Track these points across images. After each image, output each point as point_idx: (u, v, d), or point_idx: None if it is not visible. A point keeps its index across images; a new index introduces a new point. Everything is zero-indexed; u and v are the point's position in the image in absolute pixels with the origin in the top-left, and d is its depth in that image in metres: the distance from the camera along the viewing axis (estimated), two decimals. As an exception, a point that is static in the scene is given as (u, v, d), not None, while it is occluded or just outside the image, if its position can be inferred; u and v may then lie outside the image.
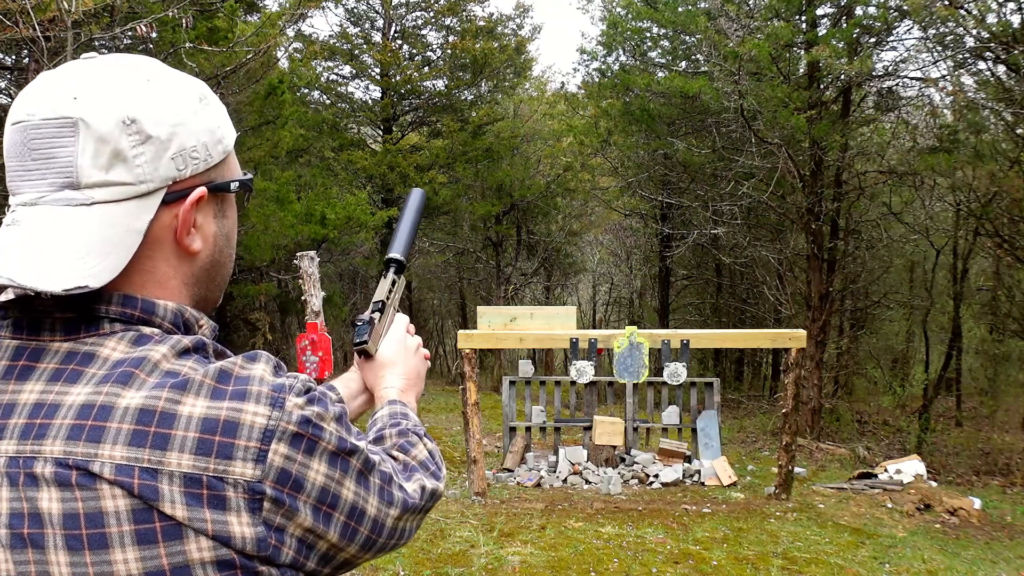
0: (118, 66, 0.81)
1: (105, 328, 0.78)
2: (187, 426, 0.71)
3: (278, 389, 0.76)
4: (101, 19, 6.05)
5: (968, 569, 5.73)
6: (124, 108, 0.77)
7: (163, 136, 0.78)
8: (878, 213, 12.59)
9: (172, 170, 0.79)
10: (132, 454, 0.70)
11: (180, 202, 0.81)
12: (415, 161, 15.48)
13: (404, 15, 16.33)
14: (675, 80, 11.55)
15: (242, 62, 7.76)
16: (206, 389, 0.74)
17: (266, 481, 0.73)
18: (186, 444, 0.71)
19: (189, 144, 0.81)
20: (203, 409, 0.72)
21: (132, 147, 0.77)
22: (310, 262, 5.87)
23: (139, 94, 0.79)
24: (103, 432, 0.71)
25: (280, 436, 0.74)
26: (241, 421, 0.73)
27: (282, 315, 14.47)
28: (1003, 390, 13.16)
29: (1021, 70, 9.13)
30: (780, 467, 7.22)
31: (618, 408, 9.02)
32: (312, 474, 0.76)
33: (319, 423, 0.77)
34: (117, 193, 0.77)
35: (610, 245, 21.21)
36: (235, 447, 0.72)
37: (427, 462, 1.00)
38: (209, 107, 0.85)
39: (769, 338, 7.73)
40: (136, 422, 0.71)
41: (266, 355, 0.80)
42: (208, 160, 0.83)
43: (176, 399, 0.72)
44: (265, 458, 0.73)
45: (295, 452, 0.75)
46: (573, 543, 5.66)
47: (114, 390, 0.73)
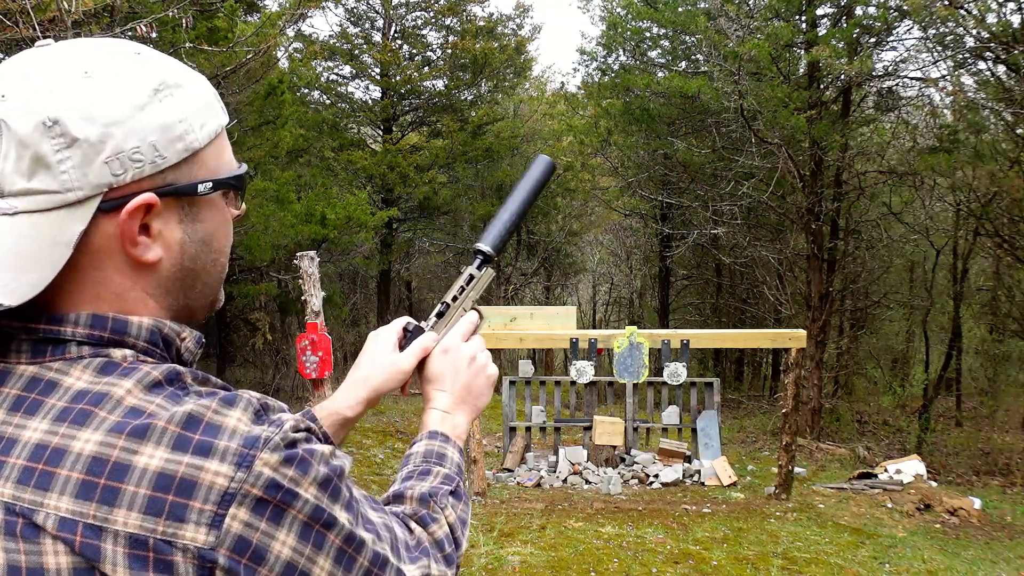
0: (58, 57, 0.72)
1: (72, 351, 0.71)
2: (140, 481, 0.64)
3: (250, 444, 0.67)
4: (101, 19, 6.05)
5: (968, 569, 5.73)
6: (46, 108, 0.68)
7: (93, 138, 0.69)
8: (878, 213, 12.59)
9: (106, 176, 0.70)
10: (78, 507, 0.64)
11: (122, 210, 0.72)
12: (415, 161, 15.49)
13: (404, 15, 16.34)
14: (675, 80, 11.56)
15: (242, 62, 7.77)
16: (168, 438, 0.66)
17: (220, 549, 0.65)
18: (136, 501, 0.64)
19: (128, 145, 0.70)
20: (160, 462, 0.65)
21: (55, 151, 0.68)
22: (310, 262, 5.87)
23: (68, 91, 0.69)
24: (52, 479, 0.65)
25: (241, 500, 0.66)
26: (199, 480, 0.65)
27: (282, 315, 14.47)
28: (1003, 390, 13.17)
29: (1021, 70, 9.13)
30: (780, 467, 7.23)
31: (618, 408, 9.02)
32: (277, 546, 0.68)
33: (292, 487, 0.68)
34: (41, 202, 0.69)
35: (610, 245, 21.22)
36: (189, 509, 0.65)
37: (444, 541, 0.89)
38: (170, 99, 0.74)
39: (769, 338, 7.73)
40: (87, 471, 0.65)
41: (247, 398, 0.71)
42: (158, 162, 0.72)
43: (133, 448, 0.65)
44: (221, 523, 0.65)
45: (257, 519, 0.66)
46: (573, 543, 5.67)
47: (70, 431, 0.66)
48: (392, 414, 11.90)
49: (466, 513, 0.96)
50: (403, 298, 19.71)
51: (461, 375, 1.07)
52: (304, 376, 5.94)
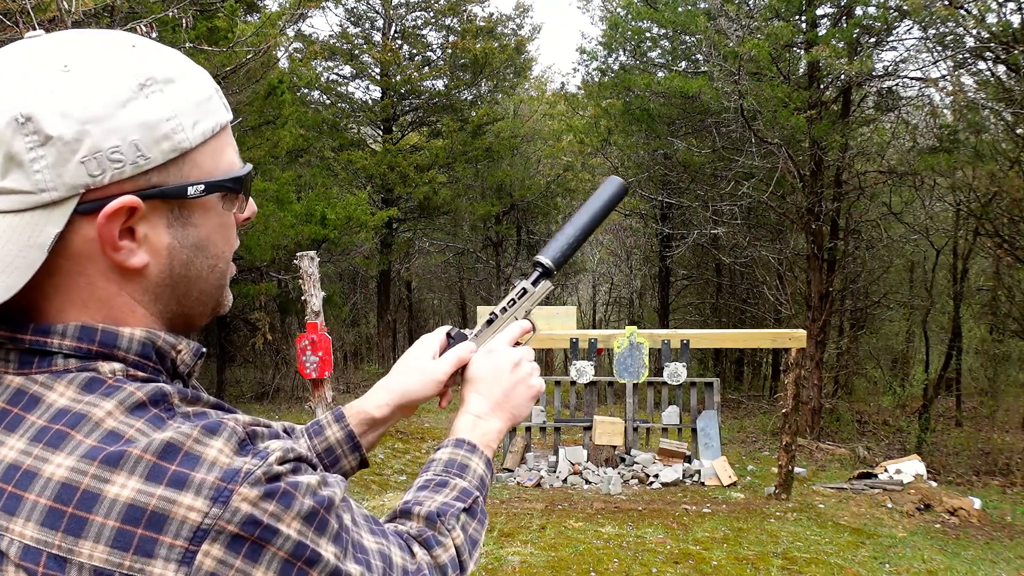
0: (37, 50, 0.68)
1: (58, 364, 0.68)
2: (109, 512, 0.61)
3: (229, 477, 0.63)
4: (101, 19, 6.05)
5: (968, 569, 5.73)
6: (19, 104, 0.65)
7: (68, 136, 0.65)
8: (878, 213, 12.59)
9: (83, 176, 0.66)
10: (43, 536, 0.61)
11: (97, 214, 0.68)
12: (415, 161, 15.49)
13: (404, 15, 16.34)
14: (675, 80, 11.56)
15: (242, 62, 7.77)
16: (143, 467, 0.62)
17: None
18: (103, 533, 0.61)
19: (107, 144, 0.66)
20: (132, 492, 0.62)
21: (29, 149, 0.65)
22: (310, 262, 5.87)
23: (43, 86, 0.66)
24: (19, 504, 0.63)
25: (215, 536, 0.62)
26: (171, 514, 0.61)
27: (282, 315, 14.47)
28: (1003, 390, 13.17)
29: (1021, 70, 9.13)
30: (780, 467, 7.23)
31: (618, 408, 9.02)
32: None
33: (272, 523, 0.64)
34: (14, 202, 0.65)
35: (610, 245, 21.23)
36: (158, 543, 0.61)
37: (448, 566, 0.85)
38: (157, 96, 0.69)
39: (769, 338, 7.73)
40: (55, 498, 0.62)
41: (232, 427, 0.66)
42: (140, 163, 0.68)
43: (105, 477, 0.62)
44: (192, 560, 0.62)
45: (232, 556, 0.63)
46: (573, 543, 5.67)
47: (43, 453, 0.64)
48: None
49: (479, 532, 0.91)
50: (403, 298, 19.72)
51: (501, 380, 1.04)
52: (304, 376, 5.94)
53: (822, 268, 11.26)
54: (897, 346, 15.52)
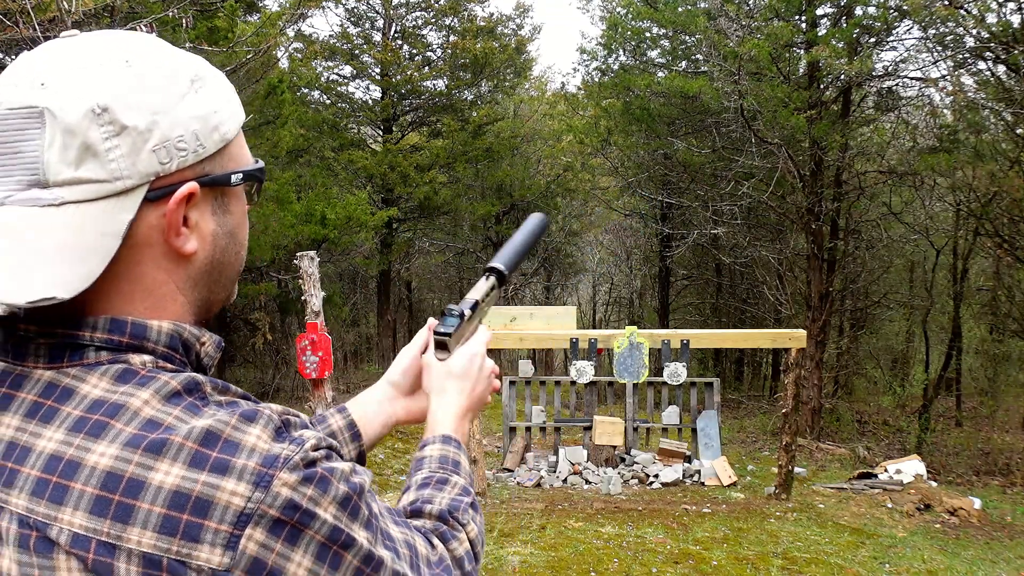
0: (96, 46, 0.71)
1: (90, 357, 0.70)
2: (155, 499, 0.63)
3: (269, 463, 0.66)
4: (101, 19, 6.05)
5: (968, 569, 5.73)
6: (95, 95, 0.67)
7: (141, 126, 0.68)
8: (878, 213, 12.59)
9: (154, 164, 0.69)
10: (92, 524, 0.63)
11: (167, 200, 0.71)
12: (415, 161, 15.49)
13: (404, 15, 16.34)
14: (675, 80, 11.56)
15: (242, 62, 7.77)
16: (185, 454, 0.64)
17: (235, 571, 0.64)
18: (150, 520, 0.63)
19: (174, 134, 0.70)
20: (176, 479, 0.63)
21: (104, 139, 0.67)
22: (310, 262, 5.87)
23: (114, 78, 0.68)
24: (66, 493, 0.64)
25: (258, 521, 0.64)
26: (216, 500, 0.63)
27: (282, 315, 14.46)
28: (1003, 390, 13.17)
29: (1021, 70, 9.13)
30: (780, 467, 7.23)
31: (618, 408, 9.02)
32: (292, 567, 0.66)
33: (311, 508, 0.66)
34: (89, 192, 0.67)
35: (610, 245, 21.23)
36: (204, 529, 0.63)
37: (464, 559, 0.87)
38: (204, 90, 0.74)
39: (769, 338, 7.73)
40: (101, 487, 0.63)
41: (268, 414, 0.69)
42: (199, 151, 0.72)
43: (148, 464, 0.64)
44: (236, 545, 0.64)
45: (274, 540, 0.65)
46: (573, 543, 5.67)
47: (85, 443, 0.65)
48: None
49: (483, 525, 0.95)
50: (403, 298, 19.72)
51: (478, 383, 1.08)
52: (304, 376, 5.94)
53: (822, 268, 11.25)
54: (897, 346, 15.52)
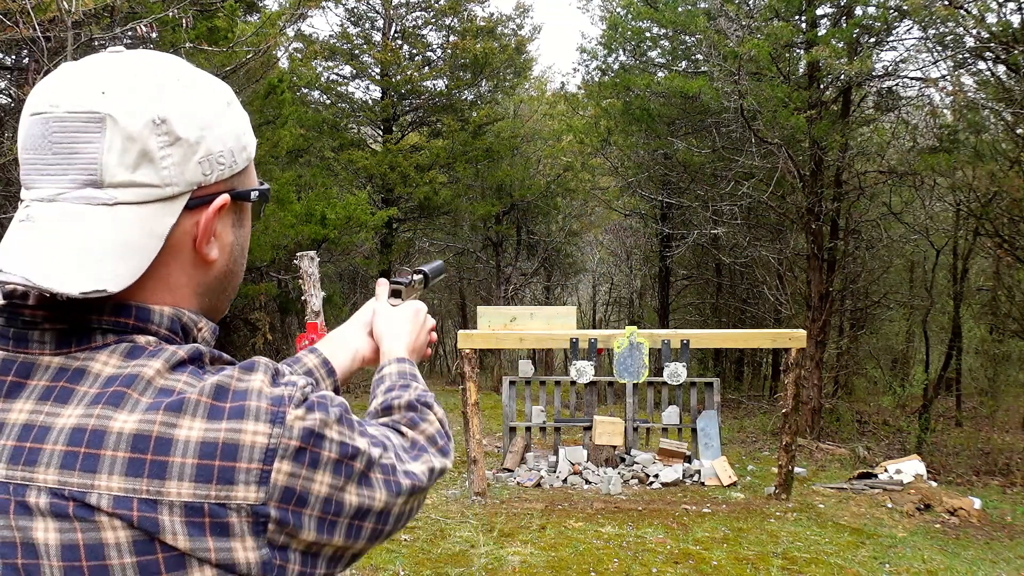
0: (148, 63, 0.77)
1: (97, 340, 0.74)
2: (185, 452, 0.68)
3: (277, 402, 0.72)
4: (101, 19, 6.05)
5: (968, 569, 5.73)
6: (155, 107, 0.74)
7: (192, 139, 0.75)
8: (878, 213, 12.59)
9: (198, 174, 0.76)
10: (130, 484, 0.67)
11: (202, 208, 0.78)
12: (415, 161, 15.48)
13: (404, 15, 16.33)
14: (675, 80, 11.56)
15: (242, 62, 7.77)
16: (203, 409, 0.70)
17: (271, 503, 0.70)
18: (185, 472, 0.68)
19: (216, 149, 0.78)
20: (200, 432, 0.69)
21: (160, 148, 0.73)
22: (310, 262, 5.87)
23: (170, 93, 0.75)
24: (98, 461, 0.68)
25: (283, 453, 0.71)
26: (241, 442, 0.69)
27: (282, 315, 14.46)
28: (1003, 390, 13.16)
29: (1021, 70, 9.13)
30: (780, 467, 7.23)
31: (618, 408, 9.02)
32: (316, 486, 0.73)
33: (322, 432, 0.74)
34: (141, 195, 0.73)
35: (610, 245, 21.21)
36: (236, 471, 0.69)
37: (436, 436, 0.97)
38: (234, 112, 0.82)
39: (769, 338, 7.73)
40: (131, 449, 0.68)
41: (264, 363, 0.76)
42: (233, 166, 0.80)
43: (172, 422, 0.69)
44: (268, 479, 0.70)
45: (299, 468, 0.72)
46: (573, 543, 5.67)
47: (106, 412, 0.69)
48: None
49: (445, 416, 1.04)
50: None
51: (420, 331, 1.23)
52: (304, 376, 5.93)
53: (822, 268, 11.25)
54: (897, 346, 15.51)
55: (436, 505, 6.71)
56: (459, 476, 7.96)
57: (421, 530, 5.86)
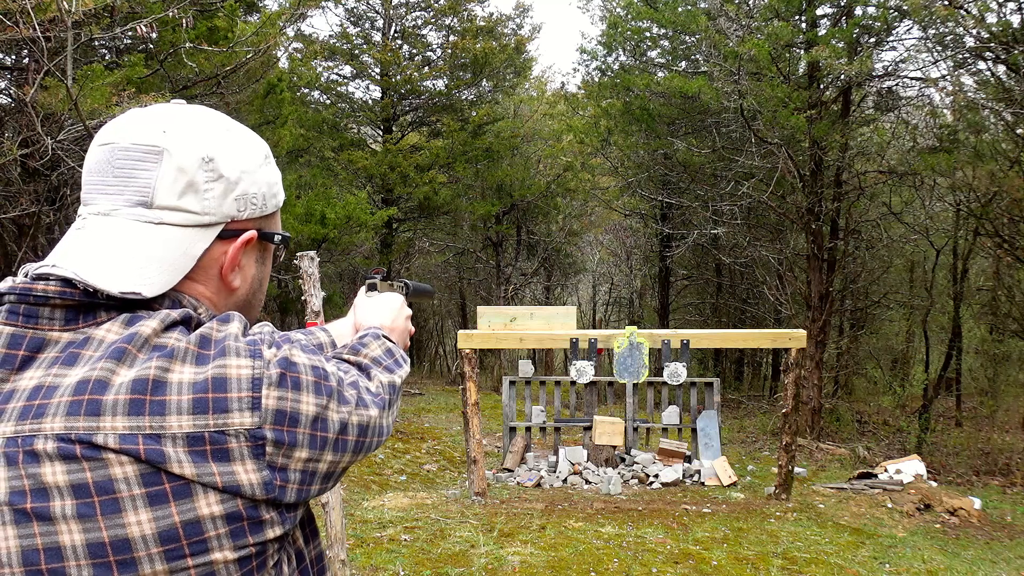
0: (203, 113, 0.92)
1: (102, 316, 0.82)
2: (180, 390, 0.76)
3: (252, 343, 0.82)
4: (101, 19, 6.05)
5: (968, 569, 5.73)
6: (205, 147, 0.87)
7: (232, 178, 0.89)
8: (878, 213, 12.58)
9: (233, 209, 0.90)
10: (133, 423, 0.74)
11: (232, 239, 0.91)
12: (415, 161, 15.48)
13: (404, 15, 16.33)
14: (675, 80, 11.55)
15: (242, 62, 7.76)
16: (191, 356, 0.79)
17: (265, 425, 0.78)
18: (183, 406, 0.76)
19: (252, 191, 0.92)
20: (192, 374, 0.78)
21: (205, 182, 0.87)
22: (310, 262, 5.86)
23: (219, 139, 0.90)
24: (101, 405, 0.75)
25: (268, 380, 0.80)
26: (228, 376, 0.78)
27: (282, 315, 14.45)
28: (1003, 390, 13.16)
29: (1021, 70, 9.12)
30: (780, 467, 7.22)
31: (618, 408, 9.02)
32: (304, 407, 0.82)
33: (295, 360, 0.83)
34: (184, 219, 0.86)
35: (610, 245, 21.21)
36: (229, 400, 0.77)
37: (381, 358, 1.05)
38: (270, 165, 0.97)
39: (769, 338, 7.73)
40: (132, 392, 0.75)
41: (237, 315, 0.87)
42: (263, 209, 0.94)
43: (166, 367, 0.77)
44: (260, 404, 0.78)
45: (285, 391, 0.80)
46: (573, 543, 5.66)
47: (108, 365, 0.77)
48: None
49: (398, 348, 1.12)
50: (403, 298, 19.67)
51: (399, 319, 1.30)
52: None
53: (822, 268, 11.25)
54: (897, 346, 15.50)
55: (436, 505, 6.71)
56: (459, 476, 7.96)
57: (421, 530, 5.86)
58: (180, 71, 7.27)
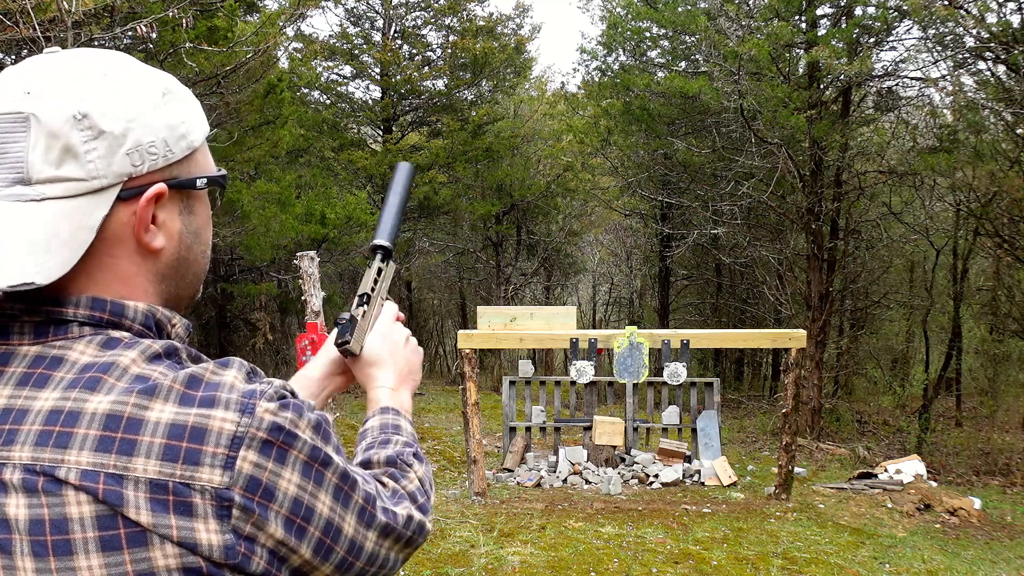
0: (75, 60, 0.79)
1: (74, 331, 0.76)
2: (154, 432, 0.70)
3: (249, 395, 0.74)
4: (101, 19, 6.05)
5: (968, 569, 5.73)
6: (76, 103, 0.75)
7: (117, 131, 0.76)
8: (878, 213, 12.58)
9: (127, 166, 0.77)
10: (98, 459, 0.69)
11: (138, 199, 0.79)
12: (415, 161, 15.47)
13: (404, 15, 16.33)
14: (675, 80, 11.55)
15: (242, 62, 7.76)
16: (175, 395, 0.72)
17: (235, 488, 0.71)
18: (152, 450, 0.70)
19: (146, 139, 0.78)
20: (171, 415, 0.71)
21: (84, 142, 0.75)
22: (310, 262, 5.87)
23: (93, 88, 0.77)
24: (70, 438, 0.70)
25: (249, 443, 0.72)
26: (209, 427, 0.71)
27: (282, 315, 14.46)
28: (1003, 390, 13.16)
29: (1021, 70, 9.12)
30: (780, 467, 7.22)
31: (618, 408, 9.02)
32: (284, 483, 0.74)
33: (292, 430, 0.75)
34: (68, 189, 0.75)
35: (610, 245, 21.21)
36: (202, 453, 0.70)
37: (417, 493, 0.97)
38: (173, 103, 0.83)
39: (769, 338, 7.73)
40: (103, 428, 0.70)
41: (239, 361, 0.79)
42: (168, 156, 0.80)
43: (144, 404, 0.71)
44: (233, 464, 0.71)
45: (265, 460, 0.73)
46: (573, 543, 5.66)
47: (82, 396, 0.71)
48: (392, 414, 11.88)
49: (429, 474, 1.02)
50: (403, 298, 19.70)
51: (399, 355, 1.17)
52: (304, 376, 5.93)
53: (822, 268, 11.25)
54: (897, 346, 15.50)
55: (436, 505, 6.71)
56: (459, 476, 7.96)
57: (421, 530, 5.86)
58: (180, 71, 7.26)
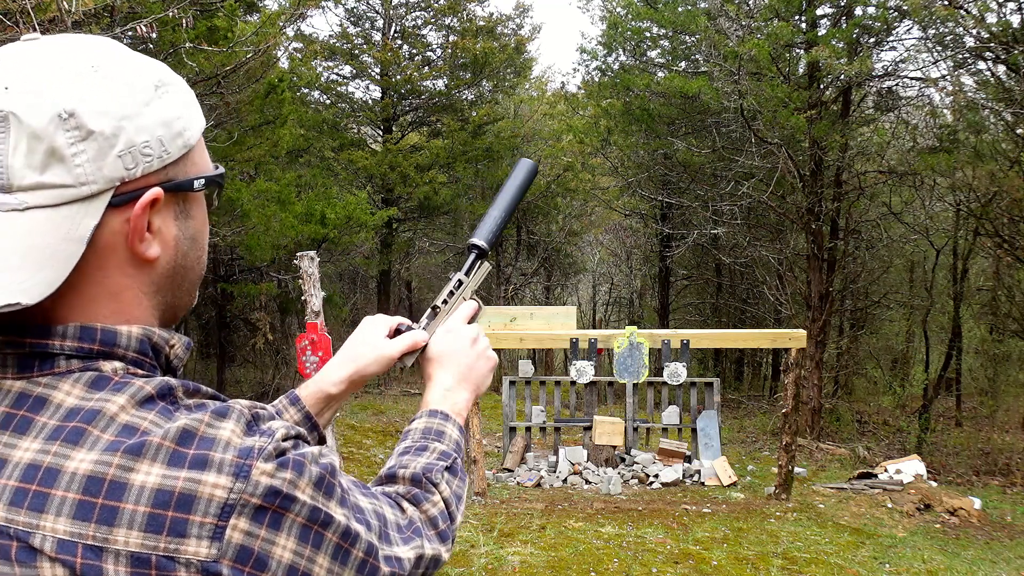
0: (61, 50, 0.70)
1: (61, 366, 0.69)
2: (138, 499, 0.63)
3: (245, 454, 0.67)
4: (101, 19, 6.05)
5: (968, 569, 5.73)
6: (61, 100, 0.66)
7: (107, 131, 0.68)
8: (878, 213, 12.59)
9: (119, 169, 0.69)
10: (76, 528, 0.63)
11: (131, 205, 0.70)
12: (415, 161, 15.48)
13: (404, 15, 16.33)
14: (675, 80, 11.56)
15: (242, 62, 7.76)
16: (164, 454, 0.65)
17: (223, 560, 0.65)
18: (136, 520, 0.63)
19: (140, 139, 0.70)
20: (158, 479, 0.64)
21: (70, 144, 0.66)
22: (310, 262, 5.87)
23: (80, 83, 0.68)
24: (47, 500, 0.64)
25: (241, 510, 0.66)
26: (198, 494, 0.64)
27: (282, 315, 14.46)
28: (1003, 390, 13.16)
29: (1021, 70, 9.13)
30: (780, 467, 7.23)
31: (618, 408, 9.02)
32: (278, 551, 0.68)
33: (290, 492, 0.68)
34: (54, 196, 0.66)
35: (610, 245, 21.22)
36: (189, 523, 0.64)
37: (438, 518, 0.90)
38: (168, 96, 0.74)
39: (769, 338, 7.73)
40: (83, 492, 0.63)
41: (239, 410, 0.70)
42: (164, 157, 0.72)
43: (129, 466, 0.64)
44: (222, 535, 0.65)
45: (258, 527, 0.66)
46: (573, 543, 5.66)
47: (63, 450, 0.65)
48: (392, 414, 11.90)
49: (461, 488, 0.97)
50: (403, 298, 19.71)
51: (463, 355, 1.09)
52: (304, 376, 5.94)
53: (822, 268, 11.25)
54: (897, 346, 15.51)
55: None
56: (459, 476, 7.94)
57: (421, 530, 5.87)
58: (180, 71, 7.26)
